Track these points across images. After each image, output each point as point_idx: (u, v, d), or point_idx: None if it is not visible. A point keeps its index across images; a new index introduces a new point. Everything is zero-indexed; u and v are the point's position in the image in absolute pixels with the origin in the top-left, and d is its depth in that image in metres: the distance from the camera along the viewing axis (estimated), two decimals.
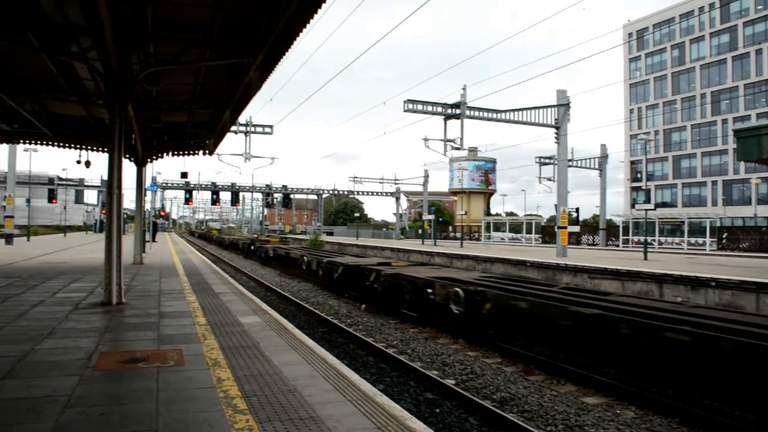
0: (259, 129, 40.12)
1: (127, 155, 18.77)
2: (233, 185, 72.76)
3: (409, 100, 30.49)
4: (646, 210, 32.50)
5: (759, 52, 69.21)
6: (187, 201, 74.96)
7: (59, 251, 28.46)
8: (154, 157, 21.05)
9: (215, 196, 71.19)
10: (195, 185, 72.19)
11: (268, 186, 76.68)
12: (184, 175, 40.75)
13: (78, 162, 22.59)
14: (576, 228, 39.69)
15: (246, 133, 39.98)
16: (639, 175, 79.92)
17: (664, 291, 17.33)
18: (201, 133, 20.34)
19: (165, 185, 72.88)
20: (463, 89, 30.39)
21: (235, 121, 18.40)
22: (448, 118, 30.98)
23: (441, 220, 78.77)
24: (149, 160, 20.81)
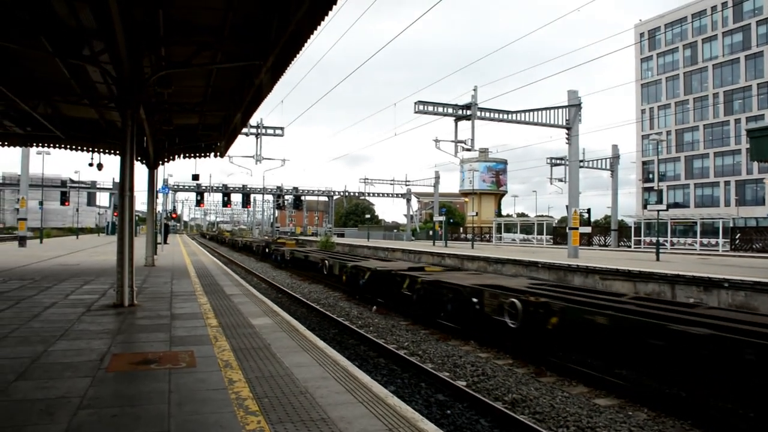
0: (270, 131, 40.23)
1: (139, 157, 18.88)
2: (244, 187, 73.01)
3: (420, 101, 30.51)
4: (658, 210, 32.31)
5: None
6: (199, 203, 75.36)
7: (72, 253, 28.65)
8: (165, 160, 21.15)
9: (226, 197, 71.38)
10: (206, 187, 72.52)
11: (279, 188, 76.89)
12: (195, 177, 40.84)
13: (90, 164, 22.85)
14: (587, 229, 39.61)
15: (257, 135, 40.10)
16: (651, 176, 79.46)
17: (676, 292, 17.22)
18: (212, 135, 20.42)
19: (176, 187, 73.28)
20: (474, 90, 30.37)
21: (246, 123, 18.48)
22: (458, 119, 30.96)
23: (452, 221, 78.71)
24: (161, 162, 20.92)
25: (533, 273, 23.62)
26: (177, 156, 21.42)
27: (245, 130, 36.94)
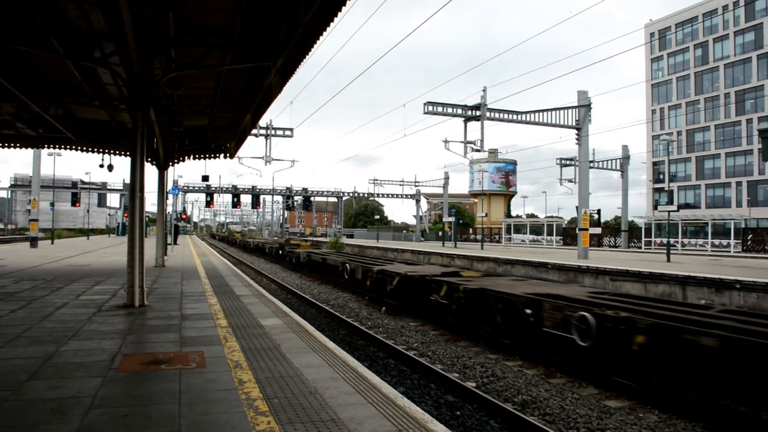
0: (280, 132, 40.32)
1: (149, 159, 18.97)
2: (254, 188, 73.22)
3: (430, 102, 30.50)
4: (668, 211, 32.17)
5: None
6: (208, 204, 75.43)
7: (82, 254, 28.81)
8: (175, 161, 21.25)
9: (236, 198, 71.57)
10: (216, 188, 72.77)
11: (288, 188, 77.06)
12: (205, 179, 40.97)
13: (101, 166, 22.97)
14: (597, 230, 39.44)
15: (266, 136, 40.19)
16: (661, 176, 79.05)
17: (687, 293, 17.12)
18: (222, 137, 20.49)
19: (186, 188, 73.58)
20: (483, 91, 30.33)
21: (256, 125, 18.53)
22: (468, 119, 30.93)
23: (461, 222, 78.62)
24: (171, 163, 21.02)
25: (543, 274, 23.55)
26: (187, 157, 21.51)
27: (255, 131, 37.06)
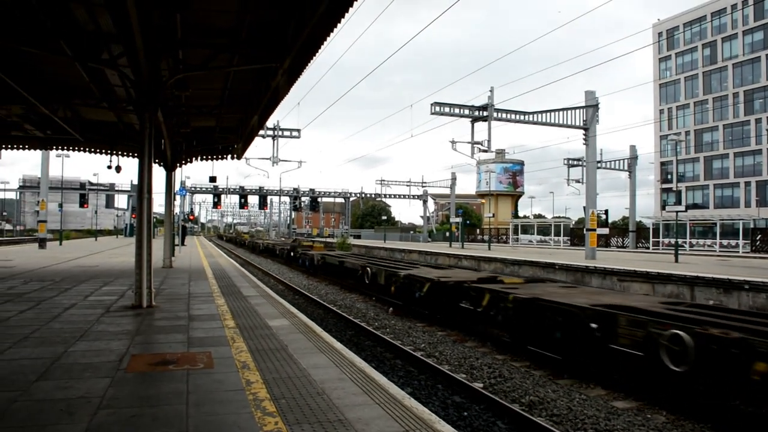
0: (287, 133, 40.35)
1: (157, 160, 19.02)
2: (261, 189, 73.37)
3: (437, 102, 30.44)
4: (676, 211, 32.08)
5: None
6: (216, 205, 75.65)
7: (90, 255, 28.93)
8: (183, 162, 21.30)
9: (243, 199, 71.80)
10: (223, 189, 72.99)
11: (295, 189, 77.25)
12: (212, 180, 41.16)
13: (109, 167, 22.99)
14: (605, 230, 39.31)
15: (274, 137, 40.24)
16: (669, 176, 78.71)
17: (695, 294, 17.04)
18: (229, 138, 20.53)
19: (194, 189, 73.81)
20: (491, 91, 30.27)
21: (263, 126, 18.56)
22: (475, 120, 30.86)
23: (468, 222, 78.49)
24: (178, 164, 21.07)
25: (550, 274, 23.48)
26: (194, 158, 21.55)
27: (262, 132, 37.07)
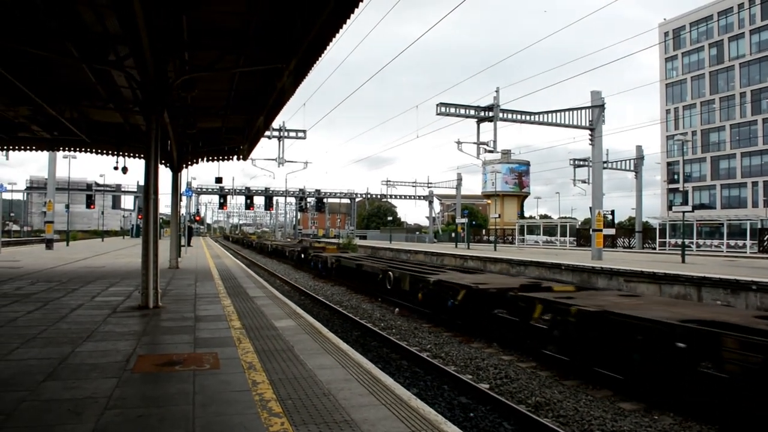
0: (293, 134, 40.40)
1: (163, 161, 19.06)
2: (267, 190, 73.56)
3: (442, 103, 30.47)
4: (683, 212, 31.94)
5: None
6: (222, 206, 75.86)
7: (97, 256, 29.01)
8: (189, 163, 21.35)
9: (249, 200, 71.98)
10: (229, 190, 73.14)
11: (301, 190, 77.36)
12: (218, 180, 41.36)
13: (115, 168, 23.08)
14: (611, 231, 39.19)
15: (279, 138, 40.30)
16: (676, 177, 78.50)
17: (702, 294, 16.98)
18: (235, 139, 20.56)
19: (200, 190, 74.07)
20: (496, 92, 30.28)
21: (269, 127, 18.57)
22: (481, 120, 30.86)
23: (474, 223, 78.46)
24: (184, 165, 21.12)
25: (557, 275, 23.44)
26: (200, 159, 21.59)
27: (268, 133, 37.10)
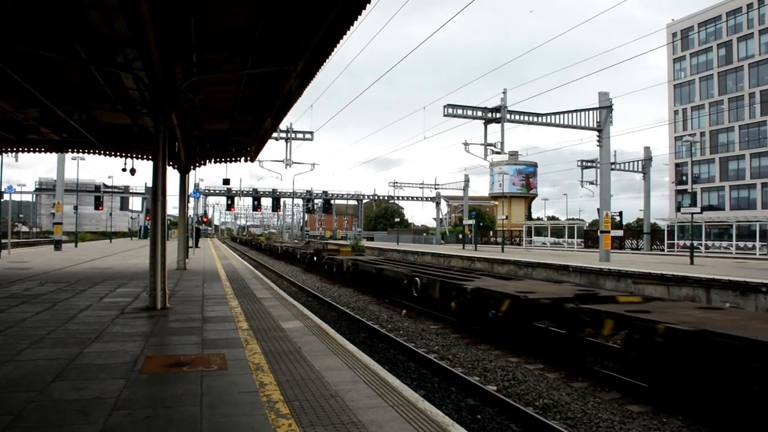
0: (300, 135, 40.46)
1: (171, 162, 19.14)
2: (274, 191, 73.75)
3: (450, 104, 30.46)
4: (692, 213, 31.78)
5: None
6: (229, 207, 76.07)
7: (105, 257, 29.12)
8: (196, 164, 21.40)
9: (256, 202, 72.12)
10: (237, 191, 73.37)
11: (308, 192, 77.51)
12: (226, 182, 41.33)
13: (123, 170, 23.22)
14: (619, 232, 39.11)
15: (287, 140, 40.37)
16: (684, 178, 78.11)
17: (711, 296, 16.89)
18: (242, 140, 20.61)
19: (207, 192, 74.23)
20: (504, 93, 30.25)
21: (276, 128, 18.60)
22: (488, 122, 30.84)
23: (481, 224, 78.36)
24: (192, 167, 21.18)
25: (564, 277, 23.37)
26: (208, 161, 21.65)
27: (275, 134, 37.20)
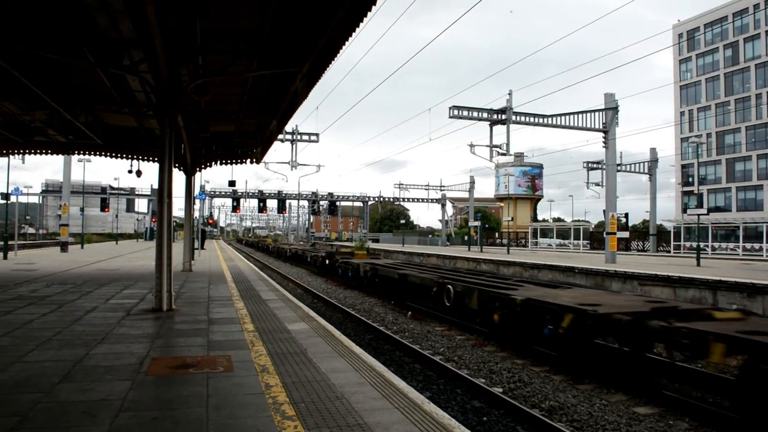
0: (306, 137, 40.52)
1: (177, 164, 19.16)
2: (280, 193, 73.78)
3: (455, 106, 30.42)
4: (698, 215, 31.66)
5: None
6: (235, 209, 76.11)
7: (111, 258, 29.21)
8: (202, 166, 21.44)
9: (262, 203, 72.23)
10: (242, 193, 73.41)
11: (314, 193, 77.56)
12: (231, 184, 41.40)
13: (129, 171, 23.29)
14: (625, 234, 38.98)
15: (292, 142, 40.44)
16: (691, 179, 77.82)
17: (718, 298, 16.82)
18: (248, 142, 20.64)
19: (213, 193, 74.39)
20: (509, 94, 30.22)
21: (282, 130, 18.64)
22: (493, 123, 30.81)
23: (487, 226, 78.21)
24: (198, 168, 21.21)
25: (570, 279, 23.31)
26: (214, 162, 21.68)
27: (281, 136, 37.28)
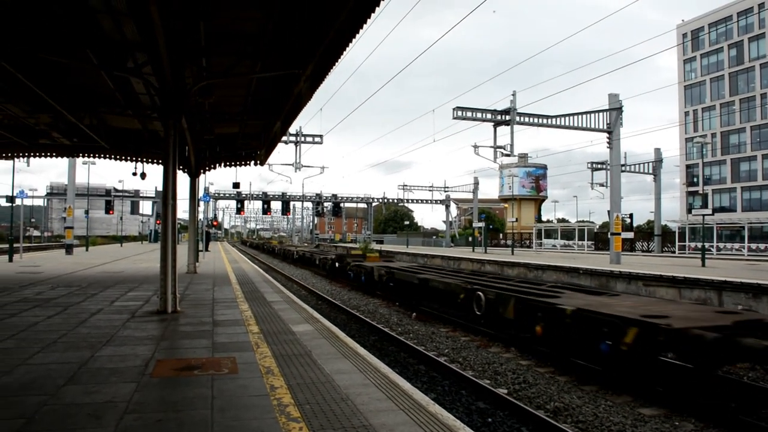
0: (309, 139, 40.57)
1: (181, 166, 19.21)
2: (284, 194, 73.83)
3: (459, 107, 30.41)
4: (703, 215, 31.59)
5: None
6: (239, 211, 76.32)
7: (116, 261, 29.26)
8: (206, 168, 21.48)
9: (266, 205, 72.25)
10: (246, 195, 73.50)
11: (318, 195, 77.57)
12: (236, 186, 41.39)
13: (134, 174, 23.34)
14: (630, 234, 38.87)
15: (296, 143, 40.49)
16: (695, 179, 77.64)
17: (723, 299, 16.77)
18: (252, 144, 20.68)
19: (217, 195, 74.45)
20: (513, 95, 30.22)
21: (286, 132, 18.66)
22: (497, 124, 30.78)
23: (491, 227, 78.19)
24: (202, 170, 21.25)
25: (574, 279, 23.27)
26: (218, 164, 21.73)
27: (285, 138, 37.33)
